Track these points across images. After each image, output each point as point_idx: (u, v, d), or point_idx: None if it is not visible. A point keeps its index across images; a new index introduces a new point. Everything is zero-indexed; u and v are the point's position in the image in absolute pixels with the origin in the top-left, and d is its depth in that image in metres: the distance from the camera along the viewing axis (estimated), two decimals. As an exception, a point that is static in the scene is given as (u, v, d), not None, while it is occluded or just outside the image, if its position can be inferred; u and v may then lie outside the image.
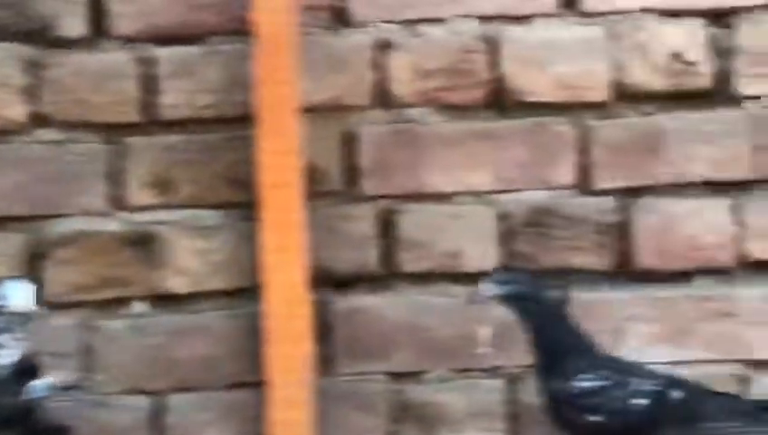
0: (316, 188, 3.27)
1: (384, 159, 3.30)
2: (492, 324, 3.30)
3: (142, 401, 3.28)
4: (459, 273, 3.31)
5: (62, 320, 3.25)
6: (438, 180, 3.31)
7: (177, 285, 3.28)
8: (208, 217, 3.29)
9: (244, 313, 3.28)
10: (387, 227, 3.31)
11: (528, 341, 2.95)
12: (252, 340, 3.24)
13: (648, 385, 2.76)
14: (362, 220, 3.30)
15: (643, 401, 2.75)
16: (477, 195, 3.32)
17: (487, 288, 2.97)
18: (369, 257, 3.31)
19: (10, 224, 3.25)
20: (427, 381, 3.31)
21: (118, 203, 3.28)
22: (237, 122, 3.28)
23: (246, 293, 3.29)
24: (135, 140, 3.29)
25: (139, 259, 3.28)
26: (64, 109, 3.27)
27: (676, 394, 2.75)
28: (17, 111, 3.27)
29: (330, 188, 3.30)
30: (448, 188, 3.31)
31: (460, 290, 3.31)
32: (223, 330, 3.28)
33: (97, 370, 3.26)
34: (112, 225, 3.28)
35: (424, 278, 3.32)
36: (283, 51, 3.16)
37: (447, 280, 3.32)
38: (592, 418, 2.83)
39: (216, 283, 3.29)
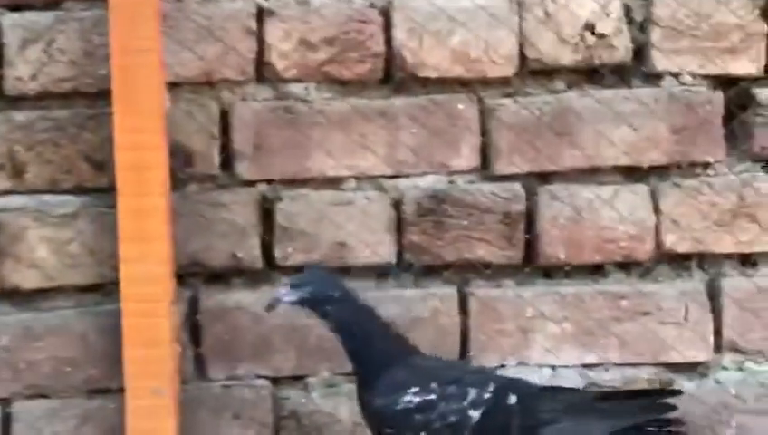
0: (185, 172, 2.34)
1: (263, 139, 2.40)
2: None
3: (-13, 410, 2.32)
4: (347, 266, 2.40)
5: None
6: (324, 164, 2.41)
7: (28, 279, 2.34)
8: (63, 203, 2.36)
9: (103, 310, 2.39)
10: (266, 215, 2.40)
11: (342, 346, 2.14)
12: (113, 341, 2.31)
13: (480, 394, 2.08)
14: (238, 208, 2.39)
15: (476, 413, 2.07)
16: (367, 180, 2.41)
17: (284, 292, 2.13)
18: (246, 249, 2.37)
19: None
20: (312, 387, 2.36)
21: (-41, 189, 2.34)
22: (96, 98, 2.35)
23: (106, 288, 2.35)
24: (-21, 118, 2.34)
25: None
26: None
27: (512, 400, 2.08)
28: None
29: (201, 171, 2.37)
30: (335, 173, 2.43)
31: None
32: (80, 330, 2.37)
33: (-64, 374, 2.31)
34: (-47, 212, 2.33)
35: (307, 272, 2.38)
36: (141, 17, 2.21)
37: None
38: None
39: (72, 277, 2.37)
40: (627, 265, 2.46)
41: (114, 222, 2.33)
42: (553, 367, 2.43)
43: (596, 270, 2.45)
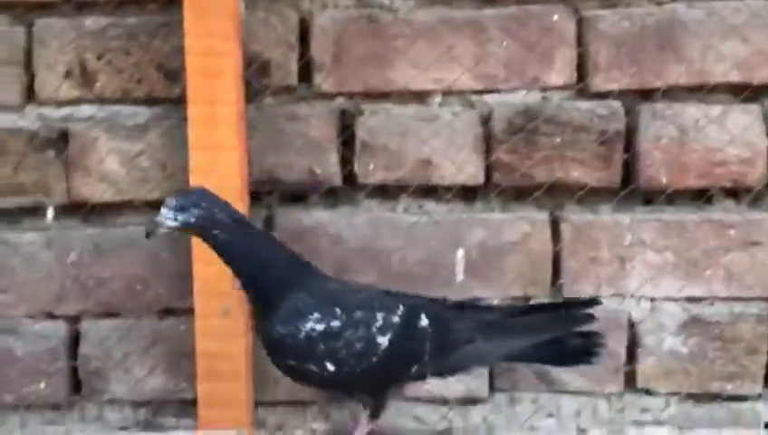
0: (261, 84, 2.19)
1: (343, 50, 2.23)
2: (469, 247, 2.20)
3: (55, 327, 2.18)
4: (431, 186, 2.22)
5: (-29, 233, 2.22)
6: (408, 77, 2.24)
7: (97, 192, 2.21)
8: (134, 113, 2.23)
9: (174, 227, 2.20)
10: (345, 130, 2.22)
11: (233, 274, 1.97)
12: (184, 260, 2.18)
13: (388, 318, 1.91)
14: (316, 121, 2.23)
15: (385, 339, 1.89)
16: (455, 95, 2.22)
17: (167, 215, 1.95)
18: (325, 166, 2.21)
19: None
20: (392, 313, 2.21)
21: (29, 96, 2.21)
22: (169, 4, 2.22)
23: (179, 203, 2.21)
24: (49, 23, 2.22)
25: (54, 162, 2.20)
26: (-34, -16, 2.21)
27: (424, 322, 1.92)
28: None
29: (278, 83, 2.22)
30: (420, 86, 2.24)
31: (432, 206, 2.22)
32: (150, 248, 2.22)
33: (3, 289, 2.19)
34: (22, 121, 2.21)
35: (389, 191, 2.22)
36: None
37: (417, 194, 2.23)
38: (329, 366, 1.89)
39: (143, 191, 2.23)
40: (735, 192, 2.24)
41: (185, 135, 2.20)
42: (652, 299, 2.24)
43: (701, 196, 2.24)
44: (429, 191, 2.25)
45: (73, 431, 2.14)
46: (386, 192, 2.25)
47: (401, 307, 1.93)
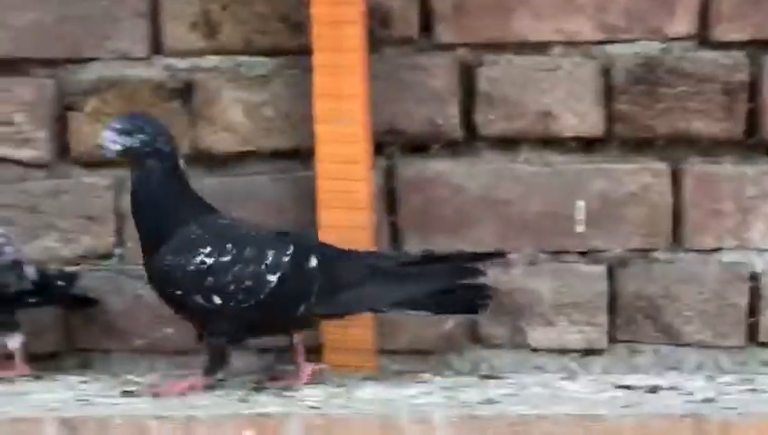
0: (383, 34, 2.18)
1: (465, 1, 2.19)
2: (590, 198, 2.18)
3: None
4: (552, 137, 2.21)
5: (94, 180, 2.22)
6: (529, 27, 2.22)
7: (222, 142, 2.23)
8: (257, 64, 2.24)
9: (298, 176, 2.22)
10: (466, 80, 2.22)
11: (133, 204, 1.99)
12: (308, 208, 2.18)
13: (278, 257, 1.94)
14: (437, 72, 2.22)
15: (274, 277, 1.91)
16: (575, 45, 2.22)
17: (110, 138, 1.96)
18: (446, 116, 2.21)
19: (31, 68, 2.22)
20: (513, 264, 2.19)
21: (156, 47, 2.23)
22: (293, -47, 2.22)
23: (302, 153, 2.23)
24: (175, -26, 2.24)
25: (180, 112, 2.23)
26: (97, -63, 2.24)
27: (313, 262, 1.94)
28: (44, -60, 2.24)
29: (399, 33, 2.20)
30: (541, 37, 2.23)
31: (552, 157, 2.20)
32: (274, 196, 2.23)
33: (131, 237, 2.21)
34: (148, 71, 2.24)
35: (509, 142, 2.21)
36: None
37: (537, 145, 2.22)
38: (216, 299, 1.92)
39: (267, 141, 2.24)
40: None
41: (309, 85, 2.21)
42: (775, 251, 2.21)
43: (828, 146, 2.21)
44: (549, 142, 2.23)
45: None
46: (506, 142, 2.24)
47: (291, 247, 1.95)
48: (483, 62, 2.22)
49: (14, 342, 2.08)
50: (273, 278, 1.94)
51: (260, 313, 1.94)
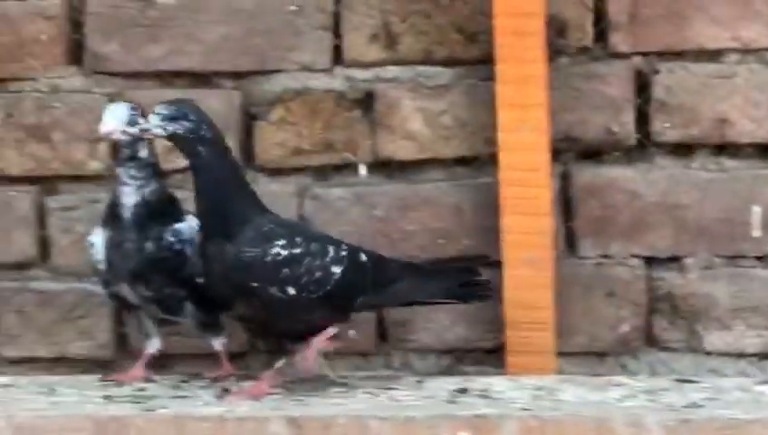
0: (558, 44, 2.23)
1: (639, 9, 2.26)
2: (766, 203, 2.20)
3: (361, 279, 2.28)
4: (727, 143, 2.22)
5: (278, 187, 2.30)
6: (704, 35, 2.24)
7: (402, 150, 2.29)
8: (436, 74, 2.29)
9: (476, 183, 2.28)
10: (642, 88, 2.25)
11: (198, 193, 2.00)
12: (485, 213, 2.23)
13: (338, 252, 2.02)
14: (613, 80, 2.25)
15: (338, 269, 2.01)
16: (752, 52, 2.24)
17: (156, 122, 1.98)
18: (621, 123, 2.24)
19: (219, 80, 2.30)
20: (689, 269, 2.21)
21: (337, 58, 2.30)
22: (471, -33, 2.27)
23: (478, 161, 2.27)
24: (356, -12, 2.30)
25: (361, 121, 2.29)
26: (278, -47, 2.30)
27: (363, 258, 2.04)
28: (227, -44, 2.32)
29: (574, 43, 2.24)
30: (717, 44, 2.24)
31: (728, 163, 2.22)
32: (453, 202, 2.28)
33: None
34: (331, 82, 2.30)
35: (684, 148, 2.24)
36: None
37: (713, 151, 2.23)
38: (290, 290, 1.96)
39: (445, 149, 2.29)
40: None
41: (486, 95, 2.26)
42: None
43: None
44: (724, 148, 2.25)
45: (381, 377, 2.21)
46: (681, 149, 2.26)
47: (343, 244, 2.03)
48: (658, 69, 2.25)
49: (219, 343, 2.15)
50: (337, 271, 2.00)
51: (325, 304, 1.99)
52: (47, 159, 2.34)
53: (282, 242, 1.96)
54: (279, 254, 1.96)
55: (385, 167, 2.32)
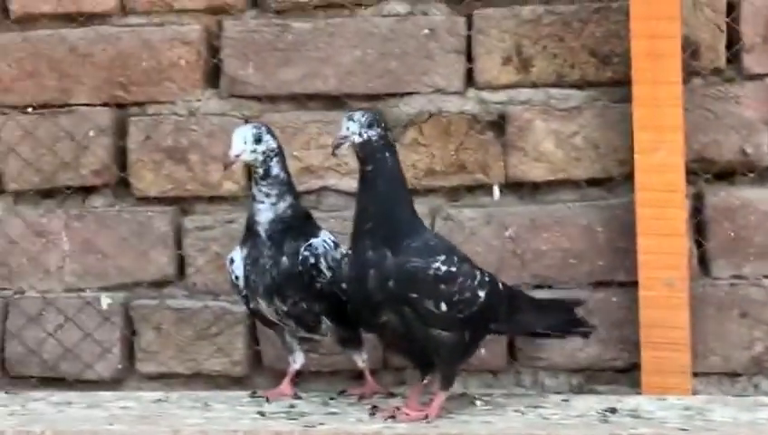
0: (691, 66, 2.24)
1: (773, 30, 2.23)
2: None
3: (494, 299, 2.29)
4: None
5: (411, 208, 2.31)
6: (839, 55, 2.20)
7: (534, 171, 2.30)
8: (568, 96, 2.31)
9: (608, 204, 2.29)
10: (776, 109, 2.24)
11: (369, 200, 1.98)
12: (618, 234, 2.25)
13: (483, 276, 2.04)
14: (748, 101, 2.26)
15: (483, 293, 2.02)
16: None
17: (353, 131, 1.98)
18: (755, 145, 2.25)
19: (353, 103, 2.34)
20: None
21: (469, 81, 2.32)
22: (602, -10, 2.29)
23: (612, 182, 2.28)
24: (489, 12, 2.33)
25: (493, 143, 2.31)
26: (413, -22, 2.34)
27: (501, 286, 2.07)
28: (364, -20, 2.35)
29: (707, 65, 2.24)
30: None
31: None
32: (585, 222, 2.30)
33: (445, 263, 2.30)
34: (464, 104, 2.32)
35: (819, 169, 2.24)
36: None
37: None
38: (443, 307, 1.97)
39: (577, 170, 2.30)
40: None
41: (618, 116, 2.27)
42: None
43: None
44: None
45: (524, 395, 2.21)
46: (815, 170, 2.26)
47: (485, 270, 2.05)
48: (794, 90, 2.25)
49: (361, 359, 2.17)
50: (482, 294, 2.01)
51: (467, 325, 2.00)
52: (184, 181, 2.40)
53: (442, 258, 1.98)
54: (440, 269, 1.97)
55: (517, 188, 2.34)
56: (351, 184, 2.31)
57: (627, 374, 2.28)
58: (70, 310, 2.41)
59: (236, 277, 2.14)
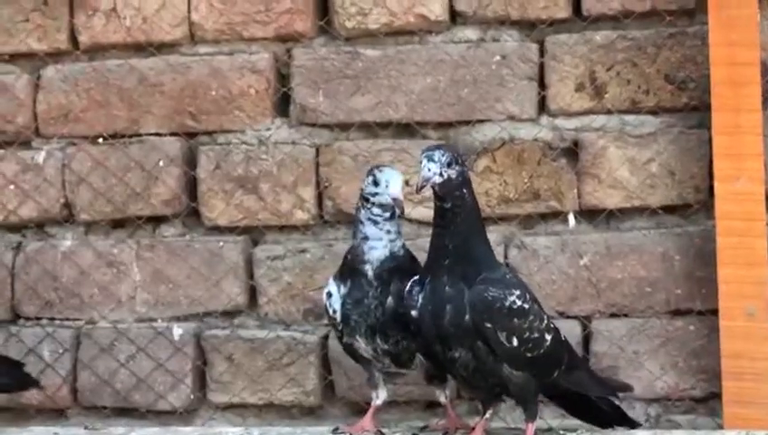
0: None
1: None
2: None
3: (569, 326, 2.25)
4: None
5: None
6: None
7: (608, 199, 2.25)
8: (642, 122, 2.25)
9: (685, 231, 2.24)
10: None
11: (448, 235, 1.94)
12: (696, 262, 2.20)
13: (549, 321, 2.00)
14: (826, 127, 2.17)
15: (549, 337, 1.98)
16: None
17: (434, 171, 1.93)
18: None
19: (424, 131, 2.30)
20: None
21: (542, 107, 2.27)
22: (677, 16, 2.22)
23: (688, 209, 2.23)
24: (561, 38, 2.28)
25: (567, 170, 2.26)
26: (484, 4, 2.27)
27: (563, 338, 2.03)
28: (435, 7, 2.29)
29: (784, 90, 2.19)
30: None
31: None
32: (660, 250, 2.25)
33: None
34: (537, 131, 2.28)
35: None
36: (739, -72, 2.08)
37: None
38: (514, 341, 1.94)
39: (652, 197, 2.24)
40: None
41: (694, 142, 2.22)
42: None
43: None
44: None
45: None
46: None
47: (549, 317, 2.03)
48: None
49: (444, 394, 2.11)
50: (548, 337, 1.97)
51: (534, 367, 1.96)
52: (255, 210, 2.36)
53: (518, 292, 1.94)
54: (515, 302, 1.93)
55: (591, 215, 2.28)
56: (423, 212, 2.27)
57: (705, 404, 2.23)
58: (142, 340, 2.37)
59: (334, 311, 2.08)
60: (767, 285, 2.13)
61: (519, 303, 1.93)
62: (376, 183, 2.01)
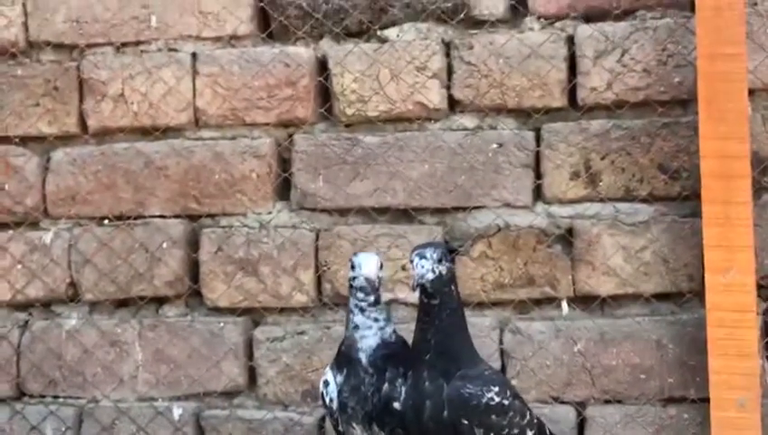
0: (760, 182, 2.18)
1: None
2: None
3: (563, 411, 2.25)
4: None
5: (478, 320, 2.30)
6: None
7: (602, 285, 2.26)
8: (636, 211, 2.27)
9: (678, 319, 2.25)
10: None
11: (431, 331, 1.95)
12: (689, 350, 2.21)
13: (533, 417, 1.98)
14: (818, 217, 2.18)
15: (531, 432, 1.97)
16: None
17: (427, 269, 1.94)
18: (825, 260, 2.18)
19: (422, 216, 2.32)
20: None
21: (538, 194, 2.29)
22: (670, 106, 2.25)
23: (681, 297, 2.24)
24: (557, 127, 2.30)
25: (561, 256, 2.27)
26: (481, 93, 2.30)
27: (549, 432, 2.02)
28: (434, 96, 2.33)
29: (774, 181, 2.20)
30: None
31: None
32: (654, 338, 2.26)
33: (514, 374, 2.27)
34: (532, 218, 2.30)
35: None
36: (729, 22, 2.09)
37: None
38: None
39: (646, 285, 2.25)
40: None
41: (687, 231, 2.23)
42: None
43: None
44: None
45: None
46: None
47: (534, 413, 2.00)
48: None
49: None
50: (530, 433, 1.95)
51: None
52: (255, 292, 2.39)
53: (497, 389, 1.94)
54: (493, 398, 1.93)
55: (585, 302, 2.30)
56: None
57: (698, 492, 2.23)
58: (142, 419, 2.40)
59: (331, 400, 2.08)
60: (757, 376, 2.13)
61: (497, 399, 1.93)
62: (353, 267, 2.04)
